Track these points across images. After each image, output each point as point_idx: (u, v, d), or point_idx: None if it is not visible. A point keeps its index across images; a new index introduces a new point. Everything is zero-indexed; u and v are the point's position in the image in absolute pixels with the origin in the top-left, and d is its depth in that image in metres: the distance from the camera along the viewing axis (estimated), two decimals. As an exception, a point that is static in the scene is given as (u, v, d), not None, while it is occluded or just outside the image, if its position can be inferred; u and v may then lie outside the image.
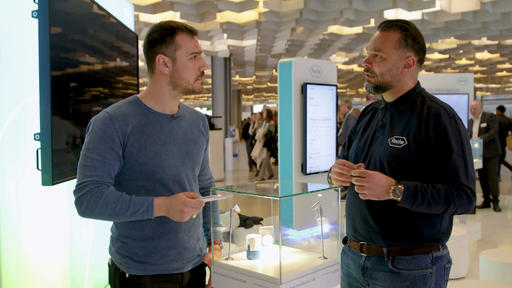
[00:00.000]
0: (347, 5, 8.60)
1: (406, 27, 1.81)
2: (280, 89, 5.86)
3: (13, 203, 2.43)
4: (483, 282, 3.26)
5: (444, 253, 1.86)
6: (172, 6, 8.67)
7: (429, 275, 1.80)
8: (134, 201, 1.65)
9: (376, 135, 1.88)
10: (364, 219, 1.86)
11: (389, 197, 1.70)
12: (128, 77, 3.67)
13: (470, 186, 1.73)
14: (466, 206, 1.73)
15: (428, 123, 1.75)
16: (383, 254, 1.81)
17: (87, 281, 3.05)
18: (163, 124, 1.79)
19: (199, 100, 37.43)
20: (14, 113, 2.41)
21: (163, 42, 1.74)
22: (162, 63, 1.75)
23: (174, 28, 1.74)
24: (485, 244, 5.80)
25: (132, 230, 1.77)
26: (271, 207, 1.98)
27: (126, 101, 1.82)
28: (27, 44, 2.37)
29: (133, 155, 1.72)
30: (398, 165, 1.77)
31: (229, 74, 14.99)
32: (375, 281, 1.85)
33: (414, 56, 1.83)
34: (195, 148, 1.89)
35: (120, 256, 1.80)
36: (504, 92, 32.06)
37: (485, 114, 7.57)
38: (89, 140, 1.70)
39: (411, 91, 1.86)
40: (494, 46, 13.49)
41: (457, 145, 1.73)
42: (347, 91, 29.36)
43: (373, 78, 1.85)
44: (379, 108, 1.96)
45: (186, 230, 1.83)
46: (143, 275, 1.77)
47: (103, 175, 1.68)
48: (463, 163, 1.73)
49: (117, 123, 1.70)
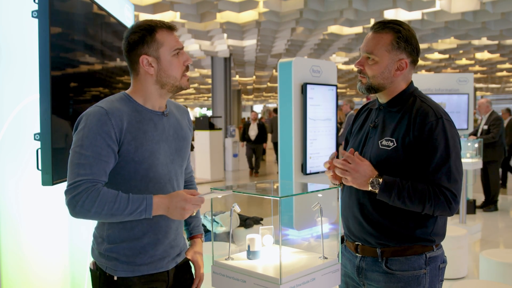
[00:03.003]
0: (347, 5, 8.60)
1: (399, 29, 1.79)
2: (280, 89, 5.86)
3: (13, 203, 2.43)
4: (483, 282, 3.25)
5: (438, 253, 1.84)
6: (172, 6, 8.67)
7: (423, 275, 1.79)
8: (132, 200, 1.59)
9: (369, 136, 1.89)
10: (357, 219, 1.87)
11: (368, 188, 1.74)
12: (128, 77, 3.66)
13: (450, 188, 1.70)
14: (445, 208, 1.71)
15: (415, 124, 1.75)
16: (377, 255, 1.82)
17: (87, 281, 3.05)
18: (156, 121, 1.76)
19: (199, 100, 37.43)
20: (14, 113, 2.41)
21: (144, 43, 1.70)
22: (146, 63, 1.71)
23: (152, 27, 1.70)
24: (485, 244, 5.80)
25: (122, 230, 1.72)
26: (271, 207, 1.97)
27: (116, 97, 1.76)
28: (27, 44, 2.37)
29: (130, 154, 1.67)
30: (387, 166, 1.77)
31: (229, 74, 14.99)
32: (370, 281, 1.86)
33: (407, 58, 1.81)
34: (184, 145, 1.87)
35: (105, 259, 1.74)
36: (504, 92, 32.07)
37: (491, 114, 7.42)
38: (83, 136, 1.62)
39: (403, 92, 1.85)
40: (494, 46, 13.50)
41: (442, 146, 1.71)
42: (347, 91, 29.37)
43: (365, 79, 1.85)
44: (374, 109, 1.96)
45: (174, 229, 1.82)
46: (132, 277, 1.73)
47: (98, 173, 1.60)
48: (446, 164, 1.71)
49: (113, 119, 1.64)
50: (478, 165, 6.33)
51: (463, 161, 6.10)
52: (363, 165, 1.75)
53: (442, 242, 1.88)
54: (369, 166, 1.76)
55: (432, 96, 7.88)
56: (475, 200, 7.37)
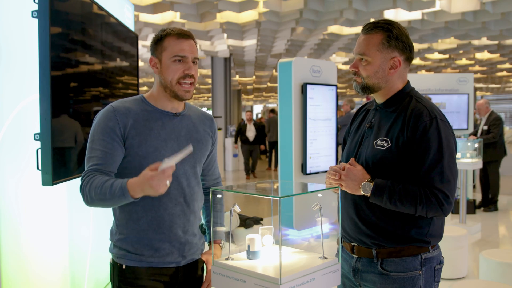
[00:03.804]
0: (347, 5, 8.60)
1: (388, 28, 1.80)
2: (280, 89, 5.87)
3: (13, 203, 2.43)
4: (483, 282, 3.26)
5: (434, 254, 1.84)
6: (172, 6, 8.67)
7: (418, 276, 1.79)
8: (112, 184, 1.65)
9: (365, 136, 1.90)
10: (352, 220, 1.88)
11: (360, 192, 1.77)
12: (128, 77, 3.67)
13: (443, 189, 1.70)
14: (437, 210, 1.70)
15: (409, 124, 1.75)
16: (373, 256, 1.82)
17: (87, 281, 3.05)
18: (165, 121, 1.85)
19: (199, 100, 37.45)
20: (14, 113, 2.41)
21: (155, 45, 1.86)
22: (153, 64, 1.86)
23: (165, 32, 1.84)
24: (485, 244, 5.80)
25: (129, 221, 1.83)
26: (271, 207, 1.98)
27: (132, 98, 1.91)
28: (27, 44, 2.38)
29: (134, 148, 1.78)
30: (381, 167, 1.78)
31: (229, 74, 15.00)
32: (365, 282, 1.86)
33: (400, 56, 1.82)
34: (198, 147, 1.91)
35: (118, 249, 1.85)
36: (504, 92, 32.07)
37: (491, 115, 7.43)
38: (93, 132, 1.79)
39: (399, 92, 1.85)
40: (494, 46, 13.50)
41: (435, 147, 1.71)
42: (347, 91, 29.37)
43: (359, 79, 1.86)
44: (371, 109, 1.97)
45: (180, 225, 1.86)
46: (139, 267, 1.82)
47: (105, 164, 1.74)
48: (438, 165, 1.70)
49: (119, 116, 1.78)
50: (478, 165, 6.33)
51: (463, 161, 6.10)
52: (355, 170, 1.79)
53: (442, 242, 1.88)
54: (361, 170, 1.78)
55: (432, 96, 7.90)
56: (475, 200, 7.38)
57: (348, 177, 1.79)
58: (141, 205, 1.81)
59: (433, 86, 8.63)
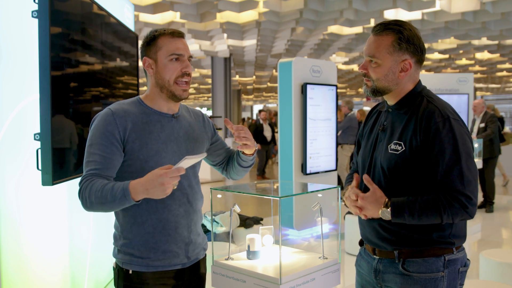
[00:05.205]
0: (347, 5, 8.60)
1: (399, 29, 1.75)
2: (280, 89, 5.87)
3: (13, 203, 2.43)
4: (483, 282, 3.25)
5: (459, 256, 1.78)
6: (172, 6, 8.68)
7: (441, 278, 1.73)
8: (113, 187, 1.64)
9: (379, 139, 1.85)
10: (373, 227, 1.83)
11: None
12: (128, 77, 3.67)
13: (464, 191, 1.64)
14: (463, 214, 1.65)
15: (421, 127, 1.70)
16: (394, 256, 1.78)
17: (87, 281, 3.05)
18: (164, 123, 1.84)
19: (199, 100, 37.45)
20: (14, 113, 2.41)
21: (147, 45, 1.83)
22: (147, 65, 1.83)
23: (158, 32, 1.82)
24: (485, 244, 5.80)
25: (133, 225, 1.80)
26: (271, 207, 1.98)
27: (129, 100, 1.88)
28: (27, 44, 2.38)
29: (135, 152, 1.76)
30: (396, 172, 1.74)
31: (229, 74, 15.00)
32: (386, 283, 1.81)
33: (411, 58, 1.77)
34: (196, 146, 1.92)
35: (123, 254, 1.83)
36: (504, 92, 32.08)
37: (486, 113, 7.54)
38: (91, 136, 1.76)
39: (411, 93, 1.81)
40: (494, 46, 13.50)
41: (450, 147, 1.65)
42: (347, 91, 29.38)
43: (369, 82, 1.82)
44: (383, 111, 1.92)
45: (185, 226, 1.85)
46: (146, 272, 1.80)
47: (104, 168, 1.71)
48: (457, 166, 1.65)
49: (118, 119, 1.75)
50: (479, 165, 6.35)
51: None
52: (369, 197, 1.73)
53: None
54: (375, 194, 1.73)
55: (432, 96, 7.90)
56: (475, 200, 7.36)
57: (365, 207, 1.74)
58: (145, 208, 1.79)
59: (433, 86, 8.63)
